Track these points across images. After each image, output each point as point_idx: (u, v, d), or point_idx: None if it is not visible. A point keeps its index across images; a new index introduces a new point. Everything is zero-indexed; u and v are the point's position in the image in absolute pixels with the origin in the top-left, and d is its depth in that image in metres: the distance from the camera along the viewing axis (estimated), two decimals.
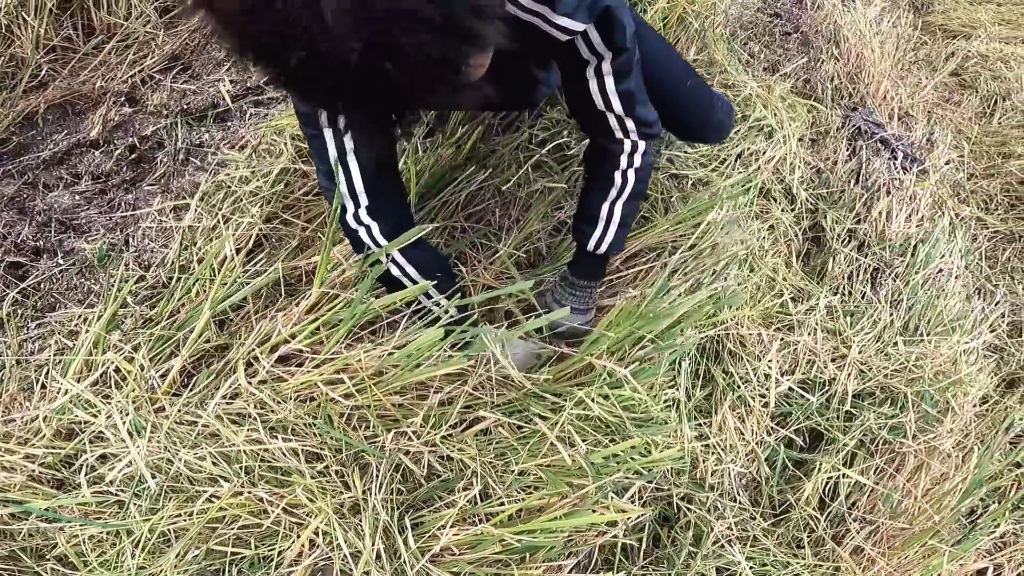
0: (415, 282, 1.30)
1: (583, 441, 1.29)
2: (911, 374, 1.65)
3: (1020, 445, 1.70)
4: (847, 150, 2.29)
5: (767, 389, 1.57)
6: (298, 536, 1.11)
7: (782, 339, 1.63)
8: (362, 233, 1.26)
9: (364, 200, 1.24)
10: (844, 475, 1.53)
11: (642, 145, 1.31)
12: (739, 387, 1.55)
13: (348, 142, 1.18)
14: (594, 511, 1.22)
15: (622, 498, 1.34)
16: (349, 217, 1.25)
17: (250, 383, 1.23)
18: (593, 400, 1.32)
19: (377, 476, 1.19)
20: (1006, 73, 2.91)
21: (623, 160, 1.33)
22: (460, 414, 1.29)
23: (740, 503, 1.48)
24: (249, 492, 1.13)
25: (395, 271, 1.30)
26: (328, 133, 1.17)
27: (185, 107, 1.98)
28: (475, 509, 1.21)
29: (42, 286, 1.50)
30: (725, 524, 1.42)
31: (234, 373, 1.24)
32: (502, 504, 1.20)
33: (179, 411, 1.20)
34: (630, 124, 1.28)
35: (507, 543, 1.15)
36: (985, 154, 2.59)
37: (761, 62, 2.58)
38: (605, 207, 1.38)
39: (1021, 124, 2.71)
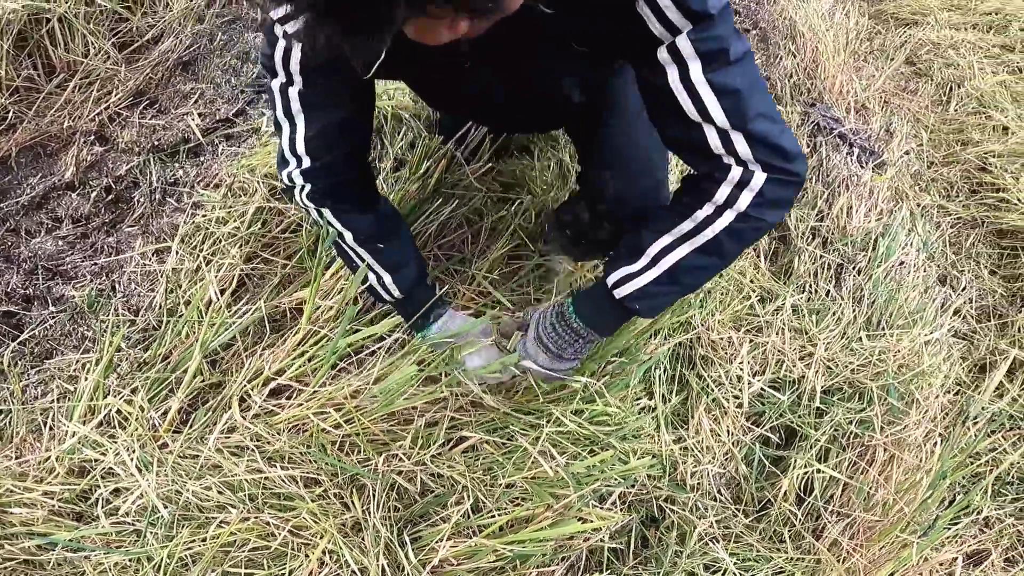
0: (353, 250, 1.25)
1: (563, 454, 1.35)
2: (875, 368, 1.71)
3: (985, 430, 1.75)
4: (808, 147, 2.35)
5: (740, 391, 1.62)
6: (307, 556, 1.18)
7: (751, 340, 1.69)
8: (296, 190, 1.20)
9: (306, 161, 1.14)
10: (818, 470, 1.57)
11: (760, 178, 0.91)
12: (713, 390, 1.61)
13: (296, 102, 1.09)
14: (579, 519, 1.29)
15: (605, 503, 1.40)
16: (284, 172, 1.19)
17: (244, 417, 1.30)
18: (567, 416, 1.38)
19: (374, 496, 1.25)
20: (957, 60, 2.99)
21: (721, 191, 0.94)
22: (446, 435, 1.35)
23: (721, 501, 1.53)
24: (255, 517, 1.20)
25: (332, 231, 1.25)
26: (276, 83, 1.08)
27: (156, 143, 2.01)
28: (468, 522, 1.27)
29: (38, 333, 1.54)
30: (707, 523, 1.47)
31: (229, 409, 1.31)
32: (493, 516, 1.27)
33: (181, 447, 1.28)
34: (741, 144, 0.90)
35: (500, 552, 1.22)
36: (944, 142, 2.66)
37: None
38: (660, 242, 1.01)
39: (976, 111, 2.78)
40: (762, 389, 1.66)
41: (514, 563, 1.26)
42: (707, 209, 0.95)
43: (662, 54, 0.88)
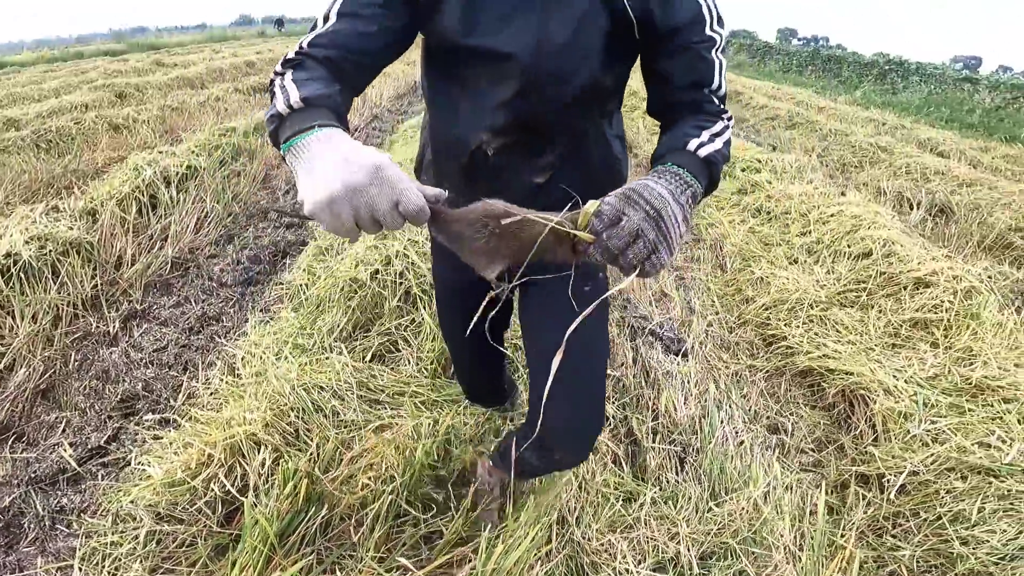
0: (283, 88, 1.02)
1: None
2: (731, 528, 1.99)
3: (824, 551, 2.04)
4: (632, 351, 2.72)
5: None
6: None
7: (627, 537, 1.93)
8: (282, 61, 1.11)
9: (312, 49, 1.10)
10: None
11: (729, 117, 1.28)
12: None
13: (339, 5, 1.14)
14: None
15: None
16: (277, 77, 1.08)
17: None
18: None
19: None
20: (720, 218, 3.57)
21: (723, 118, 1.25)
22: None
23: None
24: None
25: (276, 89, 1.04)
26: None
27: (33, 475, 2.03)
28: None
29: None
30: None
31: None
32: None
33: None
34: (723, 102, 1.28)
35: None
36: (732, 304, 3.15)
37: None
38: (706, 134, 1.20)
39: (742, 267, 3.32)
40: (650, 573, 1.87)
41: None
42: (722, 124, 1.24)
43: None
